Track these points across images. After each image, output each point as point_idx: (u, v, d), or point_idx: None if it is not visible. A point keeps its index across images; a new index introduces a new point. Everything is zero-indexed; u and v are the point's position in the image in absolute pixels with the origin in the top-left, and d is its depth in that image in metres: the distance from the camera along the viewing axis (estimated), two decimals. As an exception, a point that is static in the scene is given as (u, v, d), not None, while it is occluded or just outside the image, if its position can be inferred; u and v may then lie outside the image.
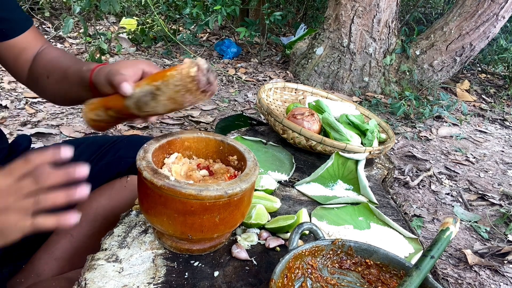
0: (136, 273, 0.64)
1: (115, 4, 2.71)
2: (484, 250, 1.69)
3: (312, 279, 0.64)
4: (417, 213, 1.94)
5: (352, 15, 3.18)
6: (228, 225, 0.66)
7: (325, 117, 1.26)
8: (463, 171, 2.38)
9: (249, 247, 0.75)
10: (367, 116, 1.45)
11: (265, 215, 0.82)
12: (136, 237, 0.72)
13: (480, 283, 1.53)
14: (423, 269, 0.57)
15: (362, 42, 3.27)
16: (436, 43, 3.27)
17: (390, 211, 0.99)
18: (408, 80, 3.39)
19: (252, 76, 3.47)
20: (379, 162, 1.29)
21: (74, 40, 3.68)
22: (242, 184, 0.63)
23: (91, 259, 0.66)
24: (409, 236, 0.88)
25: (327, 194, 1.01)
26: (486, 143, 2.81)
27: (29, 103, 2.45)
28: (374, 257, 0.66)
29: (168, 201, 0.61)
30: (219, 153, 0.79)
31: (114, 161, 0.99)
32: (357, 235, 0.86)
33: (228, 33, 4.51)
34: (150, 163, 0.64)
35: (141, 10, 4.38)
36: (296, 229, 0.65)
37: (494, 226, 1.87)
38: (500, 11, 3.04)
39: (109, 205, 0.89)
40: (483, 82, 4.02)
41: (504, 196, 2.13)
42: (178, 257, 0.69)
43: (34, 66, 0.89)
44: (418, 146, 2.64)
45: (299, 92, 1.53)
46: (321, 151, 1.17)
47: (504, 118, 3.28)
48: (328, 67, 3.37)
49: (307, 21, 4.62)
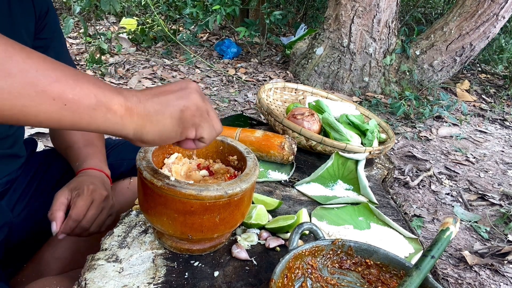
0: (136, 273, 0.64)
1: (115, 4, 2.70)
2: (484, 250, 1.69)
3: (312, 279, 0.64)
4: (417, 213, 1.94)
5: (352, 15, 3.18)
6: (228, 225, 0.66)
7: (325, 117, 1.26)
8: (463, 171, 2.38)
9: (249, 247, 0.75)
10: (367, 116, 1.45)
11: (265, 215, 0.82)
12: (136, 237, 0.72)
13: (480, 283, 1.53)
14: (423, 269, 0.57)
15: (362, 42, 3.27)
16: (436, 43, 3.27)
17: (390, 211, 0.99)
18: (408, 80, 3.39)
19: (252, 76, 3.47)
20: (379, 162, 1.29)
21: (74, 40, 3.69)
22: (242, 184, 0.63)
23: (91, 259, 0.66)
24: (409, 236, 0.88)
25: (327, 194, 1.01)
26: (486, 143, 2.81)
27: (29, 103, 2.45)
28: (374, 257, 0.66)
29: (168, 201, 0.61)
30: (219, 153, 0.79)
31: (117, 162, 1.00)
32: (357, 235, 0.86)
33: (228, 33, 4.51)
34: (150, 163, 0.64)
35: (141, 10, 4.38)
36: (296, 229, 0.65)
37: (494, 226, 1.87)
38: (500, 11, 3.04)
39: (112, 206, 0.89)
40: (483, 82, 4.02)
41: (504, 196, 2.13)
42: (178, 257, 0.69)
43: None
44: (418, 146, 2.64)
45: (299, 92, 1.53)
46: (321, 151, 1.17)
47: (504, 118, 3.28)
48: (328, 67, 3.37)
49: (307, 21, 4.62)
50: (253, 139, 1.07)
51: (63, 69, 0.43)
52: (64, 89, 0.42)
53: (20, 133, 0.88)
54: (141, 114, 0.49)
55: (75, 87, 0.43)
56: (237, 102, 2.94)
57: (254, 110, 2.82)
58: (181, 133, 0.53)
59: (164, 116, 0.51)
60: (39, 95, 0.41)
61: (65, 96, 0.42)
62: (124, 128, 0.48)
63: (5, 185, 0.86)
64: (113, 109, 0.46)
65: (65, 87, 0.43)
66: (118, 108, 0.46)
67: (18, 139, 0.87)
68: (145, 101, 0.49)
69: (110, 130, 0.47)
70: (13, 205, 0.87)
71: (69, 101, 0.43)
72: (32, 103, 0.41)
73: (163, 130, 0.51)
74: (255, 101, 2.95)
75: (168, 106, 0.51)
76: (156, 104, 0.50)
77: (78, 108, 0.44)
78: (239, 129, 1.10)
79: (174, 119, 0.51)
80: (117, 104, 0.46)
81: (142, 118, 0.49)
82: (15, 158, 0.88)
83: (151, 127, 0.50)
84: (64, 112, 0.43)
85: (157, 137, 0.51)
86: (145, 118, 0.49)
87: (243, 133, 1.08)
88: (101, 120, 0.46)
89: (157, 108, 0.50)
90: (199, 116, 0.54)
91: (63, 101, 0.42)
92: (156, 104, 0.50)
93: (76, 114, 0.44)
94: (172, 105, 0.51)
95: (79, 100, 0.43)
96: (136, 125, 0.48)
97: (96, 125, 0.46)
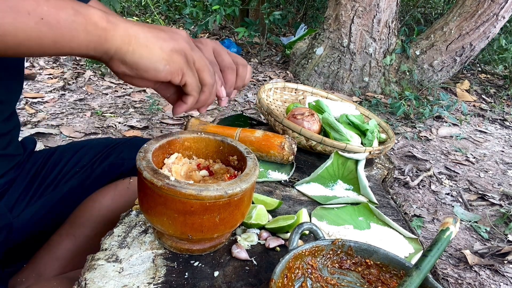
0: (136, 273, 0.64)
1: (115, 4, 2.70)
2: (484, 250, 1.69)
3: (312, 279, 0.64)
4: (417, 213, 1.94)
5: (352, 15, 3.18)
6: (228, 225, 0.66)
7: (325, 117, 1.26)
8: (463, 171, 2.38)
9: (249, 247, 0.75)
10: (367, 116, 1.45)
11: (265, 215, 0.82)
12: (136, 237, 0.72)
13: (480, 283, 1.53)
14: (423, 269, 0.57)
15: (362, 42, 3.27)
16: (436, 43, 3.27)
17: (390, 211, 0.99)
18: (408, 80, 3.39)
19: (252, 76, 3.47)
20: (379, 162, 1.29)
21: (74, 40, 3.68)
22: (242, 184, 0.63)
23: (91, 259, 0.66)
24: (409, 236, 0.88)
25: (327, 194, 1.01)
26: (486, 143, 2.81)
27: (29, 103, 2.45)
28: (374, 257, 0.66)
29: (168, 201, 0.61)
30: (219, 153, 0.79)
31: (117, 162, 1.00)
32: (357, 235, 0.86)
33: (228, 33, 4.51)
34: (150, 163, 0.64)
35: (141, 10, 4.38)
36: (296, 229, 0.65)
37: (494, 226, 1.87)
38: (500, 11, 3.04)
39: (112, 206, 0.89)
40: (483, 82, 4.02)
41: (504, 196, 2.13)
42: (178, 257, 0.69)
43: None
44: (418, 146, 2.64)
45: (299, 92, 1.53)
46: (321, 151, 1.17)
47: (504, 118, 3.28)
48: (328, 67, 3.37)
49: (307, 21, 4.62)
50: (253, 139, 1.07)
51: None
52: (38, 1, 0.40)
53: (16, 133, 0.88)
54: (128, 32, 0.46)
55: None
56: (237, 102, 2.94)
57: (254, 110, 2.82)
58: (168, 71, 0.50)
59: (154, 44, 0.48)
60: (13, 10, 0.39)
61: (40, 9, 0.40)
62: (107, 41, 0.45)
63: (3, 186, 0.86)
64: (93, 19, 0.43)
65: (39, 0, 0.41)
66: (98, 19, 0.44)
67: (13, 138, 0.87)
68: (131, 24, 0.47)
69: (91, 46, 0.44)
70: (12, 206, 0.87)
71: (45, 13, 0.41)
72: (8, 20, 0.39)
73: (151, 55, 0.48)
74: (255, 101, 2.95)
75: (158, 38, 0.49)
76: (145, 31, 0.48)
77: (55, 22, 0.41)
78: (239, 129, 1.10)
79: (164, 53, 0.49)
80: (97, 15, 0.44)
81: (129, 36, 0.46)
82: (11, 158, 0.87)
83: (138, 47, 0.47)
84: (42, 28, 0.41)
85: (143, 60, 0.48)
86: (132, 38, 0.46)
87: (243, 133, 1.08)
88: (82, 35, 0.43)
89: (147, 35, 0.48)
90: (186, 63, 0.52)
91: (39, 14, 0.40)
92: (145, 31, 0.48)
93: (55, 29, 0.41)
94: (163, 40, 0.49)
95: (56, 12, 0.41)
96: (121, 41, 0.46)
97: (77, 40, 0.43)
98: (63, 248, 0.86)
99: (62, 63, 3.18)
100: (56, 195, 0.93)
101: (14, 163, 0.89)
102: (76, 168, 0.97)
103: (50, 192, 0.93)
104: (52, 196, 0.93)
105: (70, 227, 0.88)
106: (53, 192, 0.93)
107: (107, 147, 1.01)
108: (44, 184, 0.93)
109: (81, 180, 0.96)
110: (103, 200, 0.90)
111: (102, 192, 0.91)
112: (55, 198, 0.93)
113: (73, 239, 0.86)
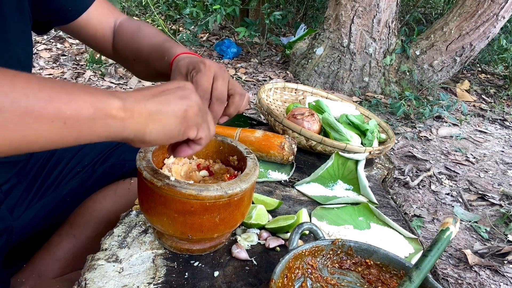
0: (136, 273, 0.64)
1: (115, 4, 2.70)
2: (484, 250, 1.69)
3: (312, 279, 0.64)
4: (417, 213, 1.94)
5: (352, 15, 3.18)
6: (228, 225, 0.66)
7: (325, 117, 1.26)
8: (463, 171, 2.38)
9: (249, 247, 0.75)
10: (367, 116, 1.45)
11: (265, 215, 0.82)
12: (136, 237, 0.72)
13: (480, 283, 1.53)
14: (423, 269, 0.57)
15: (362, 42, 3.27)
16: (436, 43, 3.27)
17: (390, 211, 0.99)
18: (408, 80, 3.39)
19: (252, 76, 3.47)
20: (379, 162, 1.29)
21: (74, 40, 3.68)
22: (242, 184, 0.63)
23: (91, 259, 0.66)
24: (409, 236, 0.88)
25: (327, 194, 1.01)
26: (486, 143, 2.81)
27: (29, 103, 2.45)
28: (374, 257, 0.66)
29: (168, 201, 0.61)
30: (219, 153, 0.79)
31: (118, 163, 0.99)
32: (357, 235, 0.86)
33: (228, 33, 4.51)
34: (150, 163, 0.64)
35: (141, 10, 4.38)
36: (296, 229, 0.65)
37: (494, 226, 1.87)
38: (500, 11, 3.04)
39: (113, 207, 0.89)
40: (483, 82, 4.02)
41: (504, 196, 2.13)
42: (178, 257, 0.69)
43: (116, 45, 0.87)
44: (418, 146, 2.64)
45: (299, 92, 1.53)
46: (321, 151, 1.17)
47: (504, 118, 3.28)
48: (328, 67, 3.37)
49: (307, 21, 4.62)
50: (253, 139, 1.07)
51: (52, 84, 0.42)
52: (59, 107, 0.41)
53: None
54: (142, 114, 0.48)
55: (69, 101, 0.41)
56: (237, 102, 2.94)
57: (254, 110, 2.82)
58: (184, 132, 0.53)
59: (168, 115, 0.50)
60: (36, 121, 0.39)
61: (63, 114, 0.41)
62: (125, 130, 0.47)
63: (7, 192, 0.85)
64: (112, 113, 0.45)
65: (60, 105, 0.41)
66: (117, 112, 0.46)
67: None
68: (144, 101, 0.49)
69: (111, 136, 0.47)
70: (12, 208, 0.87)
71: (68, 118, 0.41)
72: (31, 131, 0.39)
73: (167, 128, 0.51)
74: (255, 101, 2.95)
75: (170, 105, 0.51)
76: (157, 103, 0.50)
77: (77, 123, 0.42)
78: (239, 129, 1.10)
79: (178, 118, 0.51)
80: (115, 108, 0.45)
81: (144, 117, 0.48)
82: (13, 164, 0.87)
83: (154, 126, 0.49)
84: (64, 131, 0.41)
85: (160, 136, 0.51)
86: (147, 117, 0.49)
87: (243, 133, 1.08)
88: (102, 128, 0.45)
89: (159, 107, 0.50)
90: (201, 116, 0.54)
91: (62, 120, 0.41)
92: (157, 103, 0.50)
93: (76, 128, 0.42)
94: (175, 104, 0.51)
95: (77, 114, 0.42)
96: (138, 125, 0.48)
97: (97, 133, 0.45)
98: (63, 249, 0.86)
99: (62, 63, 3.18)
100: (56, 196, 0.93)
101: (17, 169, 0.88)
102: (77, 169, 0.97)
103: (51, 193, 0.92)
104: (52, 198, 0.92)
105: (70, 227, 0.88)
106: (54, 193, 0.93)
107: (108, 148, 1.01)
108: (44, 185, 0.93)
109: (82, 181, 0.96)
110: (104, 201, 0.90)
111: (102, 193, 0.91)
112: (56, 199, 0.93)
113: (73, 239, 0.85)
